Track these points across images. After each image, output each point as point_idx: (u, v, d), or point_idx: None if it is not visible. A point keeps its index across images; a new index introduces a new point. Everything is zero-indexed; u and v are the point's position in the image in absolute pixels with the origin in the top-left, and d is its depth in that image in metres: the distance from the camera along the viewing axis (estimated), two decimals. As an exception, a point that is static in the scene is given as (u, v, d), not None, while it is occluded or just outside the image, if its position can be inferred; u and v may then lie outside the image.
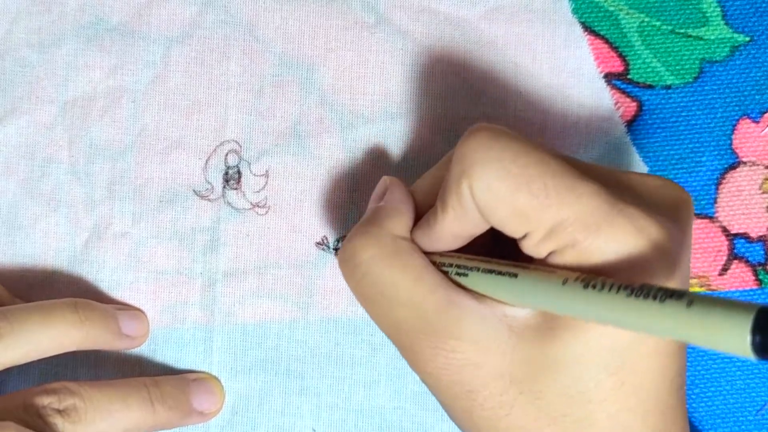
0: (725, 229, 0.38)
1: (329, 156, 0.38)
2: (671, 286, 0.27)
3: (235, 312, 0.38)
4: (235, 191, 0.38)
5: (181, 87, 0.38)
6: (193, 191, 0.38)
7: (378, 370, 0.38)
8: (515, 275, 0.28)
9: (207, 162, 0.38)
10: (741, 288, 0.39)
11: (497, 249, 0.32)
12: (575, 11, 0.38)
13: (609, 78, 0.38)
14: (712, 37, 0.38)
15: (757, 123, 0.38)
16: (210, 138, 0.38)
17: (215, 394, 0.38)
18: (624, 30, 0.38)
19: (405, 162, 0.38)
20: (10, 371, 0.34)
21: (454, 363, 0.29)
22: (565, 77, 0.38)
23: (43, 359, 0.34)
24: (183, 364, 0.38)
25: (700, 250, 0.38)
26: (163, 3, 0.38)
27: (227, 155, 0.38)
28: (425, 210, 0.32)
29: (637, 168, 0.38)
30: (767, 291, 0.38)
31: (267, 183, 0.38)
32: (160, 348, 0.38)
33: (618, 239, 0.27)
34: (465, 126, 0.38)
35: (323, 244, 0.38)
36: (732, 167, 0.38)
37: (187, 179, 0.38)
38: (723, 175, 0.38)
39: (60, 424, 0.32)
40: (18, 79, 0.38)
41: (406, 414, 0.38)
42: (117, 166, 0.38)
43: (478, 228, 0.30)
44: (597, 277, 0.26)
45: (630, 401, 0.28)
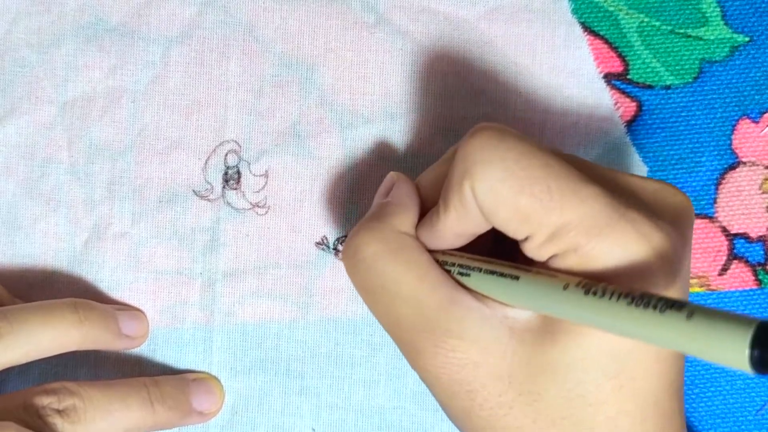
0: (725, 229, 0.38)
1: (329, 156, 0.38)
2: (672, 292, 0.27)
3: (235, 312, 0.38)
4: (235, 191, 0.38)
5: (181, 87, 0.38)
6: (193, 191, 0.38)
7: (378, 369, 0.38)
8: (517, 278, 0.28)
9: (207, 162, 0.38)
10: (741, 288, 0.38)
11: (499, 248, 0.32)
12: (575, 11, 0.38)
13: (609, 78, 0.38)
14: (711, 38, 0.38)
15: (757, 123, 0.38)
16: (209, 138, 0.38)
17: (215, 394, 0.38)
18: (624, 30, 0.38)
19: (405, 162, 0.38)
20: (10, 371, 0.34)
21: (453, 362, 0.29)
22: (565, 77, 0.38)
23: (43, 359, 0.34)
24: (183, 364, 0.38)
25: (699, 250, 0.38)
26: (163, 3, 0.38)
27: (227, 155, 0.38)
28: (429, 205, 0.32)
29: (637, 168, 0.38)
30: (767, 291, 0.38)
31: (267, 183, 0.38)
32: (159, 348, 0.38)
33: (621, 244, 0.27)
34: (465, 126, 0.38)
35: (323, 244, 0.38)
36: (732, 167, 0.38)
37: (187, 179, 0.38)
38: (723, 175, 0.38)
39: (59, 424, 0.32)
40: (17, 80, 0.38)
41: (405, 414, 0.38)
42: (116, 166, 0.38)
43: (480, 228, 0.30)
44: (598, 284, 0.26)
45: (629, 405, 0.28)
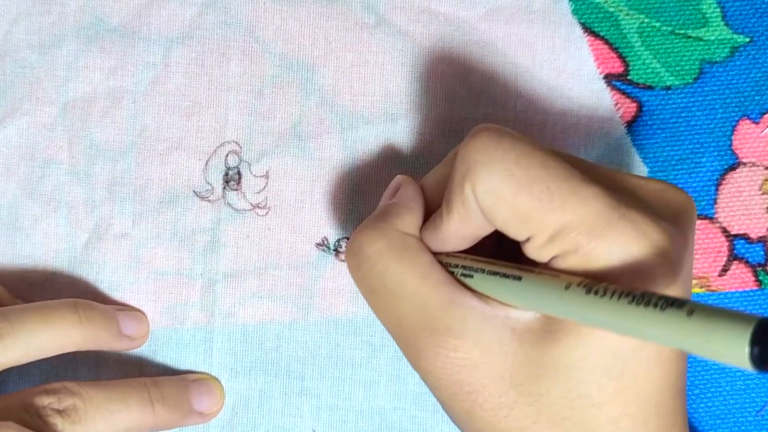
0: (725, 230, 0.38)
1: (329, 157, 0.38)
2: (673, 291, 0.27)
3: (236, 313, 0.38)
4: (236, 192, 0.38)
5: (182, 88, 0.38)
6: (194, 192, 0.38)
7: (378, 370, 0.38)
8: (519, 278, 0.28)
9: (207, 163, 0.38)
10: (741, 289, 0.39)
11: (503, 252, 0.32)
12: (575, 12, 0.38)
13: (609, 79, 0.38)
14: (711, 38, 0.38)
15: (757, 124, 0.38)
16: (210, 139, 0.38)
17: (215, 394, 0.38)
18: (624, 31, 0.38)
19: (405, 163, 0.38)
20: (10, 371, 0.34)
21: (455, 362, 0.29)
22: (565, 78, 0.38)
23: (43, 359, 0.34)
24: (183, 364, 0.38)
25: (700, 250, 0.38)
26: (163, 4, 0.38)
27: (227, 156, 0.38)
28: (433, 207, 0.32)
29: (637, 168, 0.38)
30: (767, 292, 0.38)
31: (267, 184, 0.38)
32: (160, 349, 0.38)
33: (621, 244, 0.27)
34: (465, 126, 0.38)
35: (323, 245, 0.38)
36: (732, 168, 0.38)
37: (188, 180, 0.38)
38: (723, 176, 0.38)
39: (60, 424, 0.32)
40: (18, 80, 0.38)
41: (406, 414, 0.38)
42: (117, 167, 0.38)
43: (483, 230, 0.30)
44: (599, 283, 0.26)
45: (631, 406, 0.28)
